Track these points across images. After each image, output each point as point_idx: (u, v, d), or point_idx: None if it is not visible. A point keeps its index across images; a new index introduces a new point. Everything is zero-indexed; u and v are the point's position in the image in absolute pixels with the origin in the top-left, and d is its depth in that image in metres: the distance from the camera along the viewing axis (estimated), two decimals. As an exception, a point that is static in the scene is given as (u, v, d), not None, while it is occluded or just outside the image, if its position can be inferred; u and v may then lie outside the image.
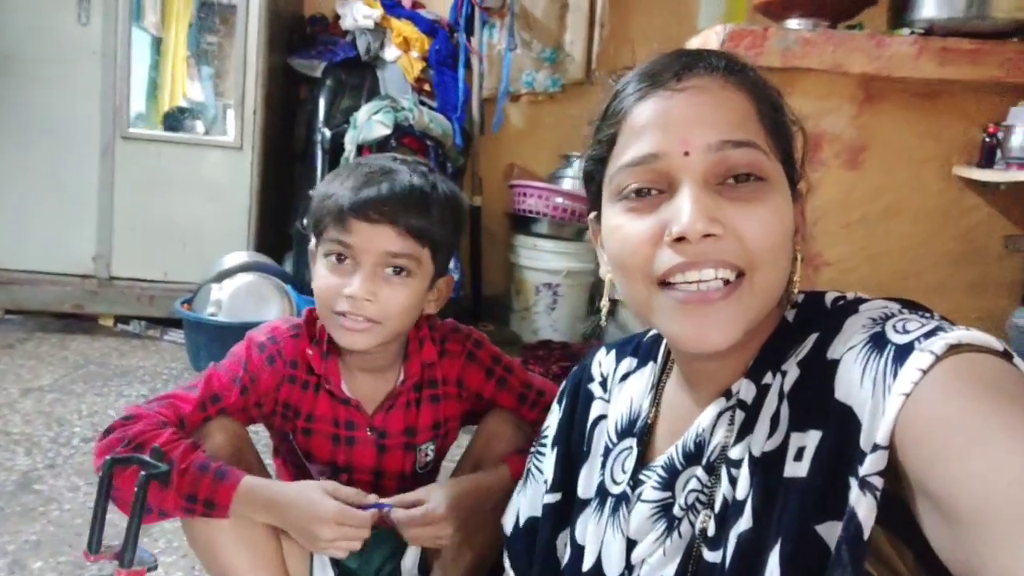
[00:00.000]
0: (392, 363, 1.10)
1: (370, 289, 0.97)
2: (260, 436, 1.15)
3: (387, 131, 2.82)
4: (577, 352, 3.00)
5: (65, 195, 2.89)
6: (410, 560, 1.13)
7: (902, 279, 2.11)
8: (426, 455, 1.13)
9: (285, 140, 3.24)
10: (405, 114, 2.86)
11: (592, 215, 0.73)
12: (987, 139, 2.03)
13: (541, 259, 3.18)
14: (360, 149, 2.84)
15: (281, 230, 3.13)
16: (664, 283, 0.62)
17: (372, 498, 0.98)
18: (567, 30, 3.30)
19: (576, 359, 2.97)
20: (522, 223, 3.24)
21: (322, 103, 3.06)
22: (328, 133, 2.96)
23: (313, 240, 1.05)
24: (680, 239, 0.59)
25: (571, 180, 3.17)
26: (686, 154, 0.60)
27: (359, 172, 1.00)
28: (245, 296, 2.46)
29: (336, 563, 1.10)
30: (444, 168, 3.01)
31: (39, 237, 2.90)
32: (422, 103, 3.03)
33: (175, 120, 3.39)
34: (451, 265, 3.09)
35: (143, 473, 0.74)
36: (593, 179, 0.70)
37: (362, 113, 2.87)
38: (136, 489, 0.73)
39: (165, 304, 2.83)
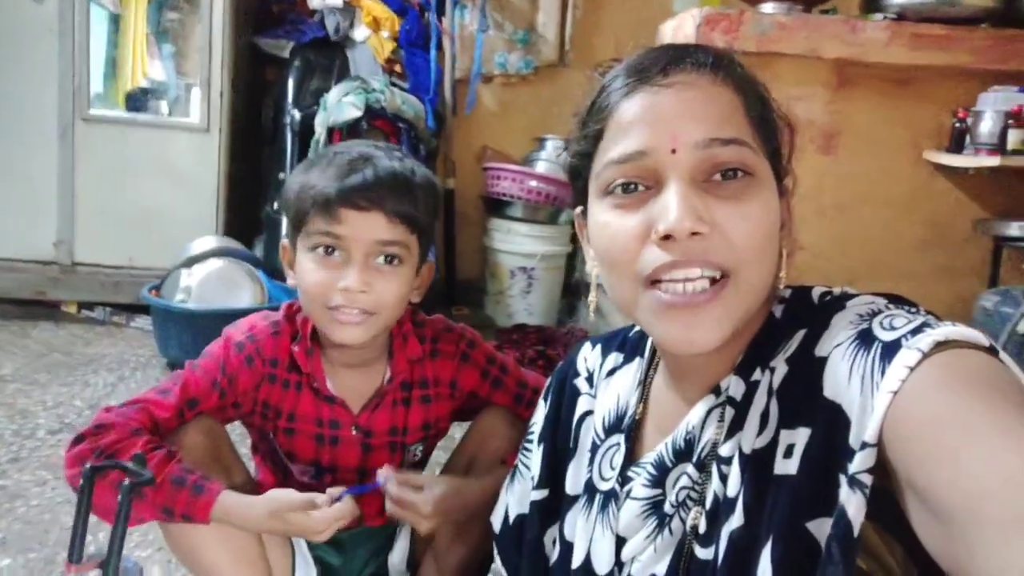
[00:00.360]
0: (377, 358, 1.07)
1: (365, 280, 0.94)
2: (236, 426, 1.13)
3: (358, 113, 2.77)
4: (551, 336, 3.00)
5: (24, 179, 2.80)
6: (398, 556, 1.12)
7: (871, 265, 2.14)
8: (414, 455, 1.12)
9: (253, 122, 3.17)
10: (377, 96, 2.81)
11: (579, 210, 0.72)
12: (956, 124, 2.06)
13: (515, 242, 3.17)
14: (331, 132, 2.79)
15: (250, 214, 3.08)
16: (651, 282, 0.61)
17: (325, 496, 0.95)
18: (540, 11, 3.26)
19: (551, 343, 2.97)
20: (496, 206, 3.22)
21: (291, 84, 2.99)
22: (298, 115, 2.90)
23: (288, 233, 1.02)
24: (667, 237, 0.59)
25: (545, 163, 3.15)
26: (673, 151, 0.60)
27: (339, 160, 0.96)
28: (216, 282, 2.41)
29: (320, 560, 1.09)
30: (417, 151, 2.97)
31: (-2, 222, 2.81)
32: (393, 84, 2.98)
33: (136, 100, 3.29)
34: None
35: (127, 482, 0.72)
36: (579, 175, 0.69)
37: (332, 94, 2.81)
38: (120, 497, 0.70)
39: (131, 290, 2.76)
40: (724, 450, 0.63)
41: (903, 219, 2.17)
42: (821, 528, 0.53)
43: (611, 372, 0.81)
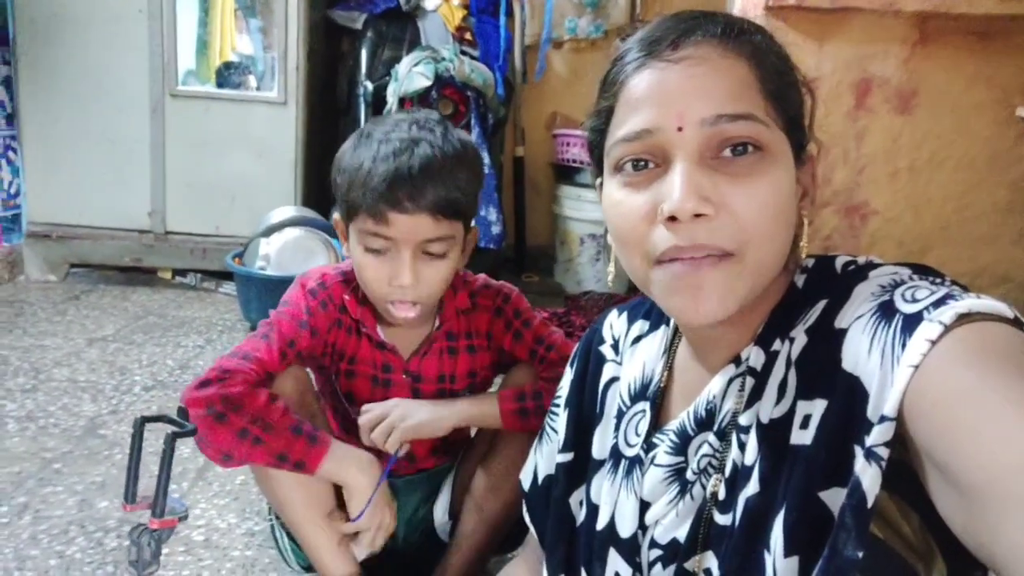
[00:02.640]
0: (428, 312, 1.13)
1: (415, 275, 1.01)
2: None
3: (428, 82, 2.81)
4: (622, 302, 2.99)
5: (119, 153, 2.99)
6: (441, 506, 1.19)
7: (946, 229, 2.05)
8: None
9: (328, 94, 3.27)
10: (446, 64, 2.85)
11: (598, 181, 0.74)
12: (1049, 80, 1.93)
13: (585, 209, 3.16)
14: (402, 101, 2.86)
15: (326, 185, 3.18)
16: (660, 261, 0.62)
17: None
18: (610, -27, 3.21)
19: (619, 309, 2.97)
20: (566, 173, 3.22)
21: (363, 56, 3.06)
22: (370, 86, 2.97)
23: (339, 209, 1.07)
24: (672, 218, 0.59)
25: (614, 129, 3.12)
26: (680, 129, 0.59)
27: (383, 150, 0.99)
28: (292, 250, 2.53)
29: None
30: (485, 119, 3.00)
31: (97, 194, 3.02)
32: (464, 53, 3.01)
33: (226, 75, 3.44)
34: (484, 212, 3.06)
35: (170, 431, 0.80)
36: (595, 148, 0.70)
37: (403, 65, 2.87)
38: (163, 446, 0.78)
39: (217, 257, 2.93)
40: (743, 419, 0.64)
41: (986, 182, 2.06)
42: (834, 498, 0.53)
43: (636, 340, 0.81)
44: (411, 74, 2.84)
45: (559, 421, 0.88)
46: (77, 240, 3.01)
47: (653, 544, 0.72)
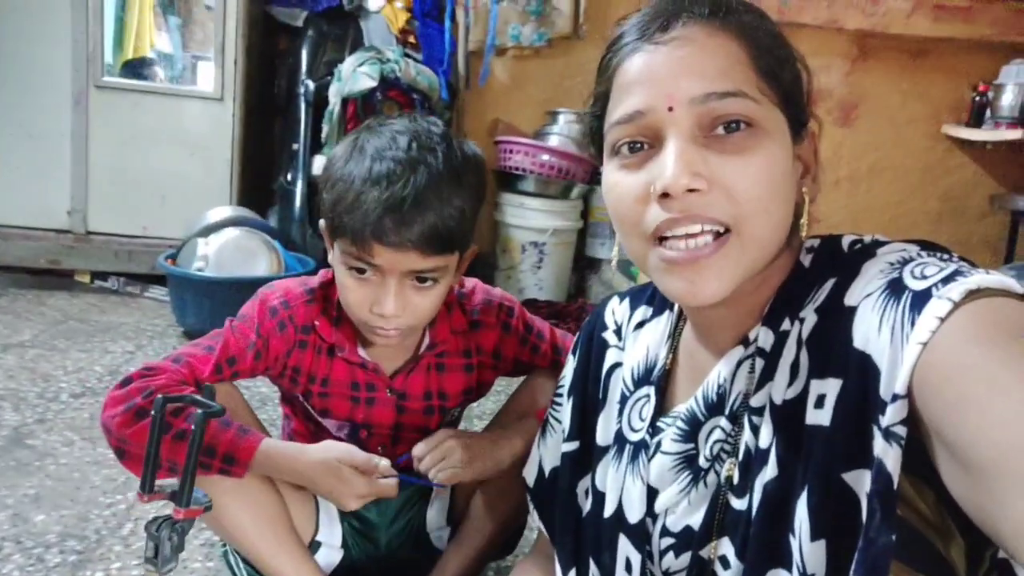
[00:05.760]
0: (414, 333, 1.08)
1: (400, 304, 0.93)
2: (251, 391, 1.14)
3: (373, 83, 2.76)
4: (562, 311, 3.01)
5: (38, 147, 2.80)
6: (435, 509, 1.14)
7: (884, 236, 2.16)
8: (452, 416, 1.14)
9: (265, 92, 3.16)
10: (392, 66, 2.80)
11: (603, 168, 0.73)
12: (977, 98, 2.05)
13: (527, 217, 3.16)
14: (345, 102, 2.79)
15: (263, 185, 3.07)
16: (657, 239, 0.62)
17: (385, 462, 0.97)
18: (554, -18, 3.24)
19: (562, 318, 2.98)
20: (508, 180, 3.21)
21: (304, 54, 2.98)
22: (312, 85, 2.89)
23: (325, 220, 0.98)
24: (665, 195, 0.59)
25: (557, 137, 3.14)
26: (670, 109, 0.60)
27: (376, 170, 0.90)
28: (233, 251, 2.41)
29: (344, 515, 1.10)
30: (430, 123, 2.97)
31: (11, 190, 2.81)
32: (407, 56, 2.97)
33: (141, 71, 3.29)
34: None
35: (199, 412, 0.73)
36: (595, 135, 0.70)
37: (347, 65, 2.80)
38: (193, 428, 0.72)
39: (145, 260, 2.77)
40: (755, 401, 0.63)
41: (919, 192, 2.18)
42: (858, 480, 0.53)
43: (640, 325, 0.81)
44: (356, 74, 2.78)
45: (563, 411, 0.86)
46: (-14, 239, 2.80)
47: (665, 532, 0.71)
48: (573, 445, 0.84)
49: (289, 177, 2.90)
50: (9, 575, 1.19)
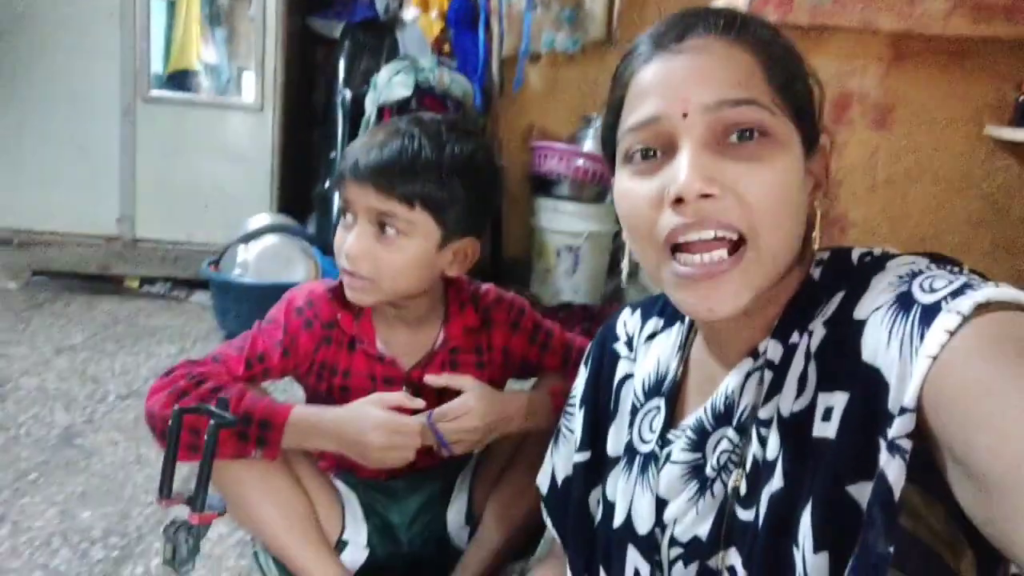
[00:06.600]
0: (431, 320, 1.12)
1: (362, 246, 1.00)
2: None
3: (407, 92, 2.80)
4: (598, 314, 3.01)
5: (88, 158, 2.91)
6: (455, 510, 1.17)
7: (923, 241, 2.11)
8: None
9: (304, 102, 3.24)
10: (426, 75, 2.84)
11: (614, 179, 0.74)
12: (1021, 98, 2.00)
13: (562, 221, 3.18)
14: (381, 111, 2.84)
15: (303, 193, 3.15)
16: (672, 248, 0.62)
17: (419, 402, 1.03)
18: (587, -11, 3.25)
19: (597, 321, 2.99)
20: (542, 185, 3.24)
21: (342, 64, 3.04)
22: (349, 95, 2.95)
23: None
24: (679, 200, 0.59)
25: (591, 141, 3.15)
26: (684, 115, 0.60)
27: (370, 135, 1.02)
28: (272, 258, 2.48)
29: (368, 515, 1.14)
30: (464, 130, 3.00)
31: (64, 199, 2.93)
32: (441, 64, 3.01)
33: (189, 83, 3.39)
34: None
35: (212, 422, 0.77)
36: (608, 143, 0.70)
37: (383, 74, 2.85)
38: (206, 437, 0.76)
39: (189, 265, 2.86)
40: (763, 413, 0.63)
41: (959, 195, 2.13)
42: (862, 491, 0.53)
43: (651, 336, 0.81)
44: (391, 83, 2.83)
45: (575, 420, 0.87)
46: (41, 246, 2.92)
47: (673, 542, 0.71)
48: (585, 455, 0.84)
49: (327, 185, 2.96)
50: (57, 568, 1.25)
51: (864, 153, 2.14)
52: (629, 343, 0.84)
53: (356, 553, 1.11)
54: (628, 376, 0.82)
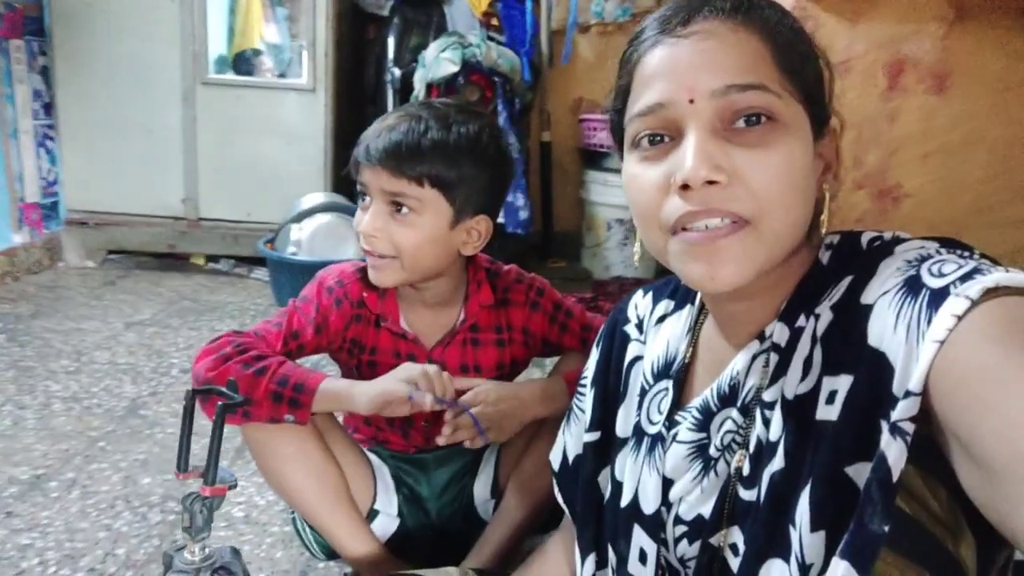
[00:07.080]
0: (452, 300, 1.16)
1: (376, 225, 1.05)
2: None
3: (455, 68, 2.82)
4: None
5: (153, 141, 3.04)
6: (481, 484, 1.21)
7: (980, 211, 2.02)
8: None
9: (355, 81, 3.29)
10: (473, 50, 2.85)
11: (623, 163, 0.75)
12: (1088, 59, 1.88)
13: (612, 194, 3.15)
14: (429, 87, 2.87)
15: (355, 170, 3.21)
16: (676, 230, 0.62)
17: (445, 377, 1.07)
18: (637, -45, 3.19)
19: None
20: (592, 158, 3.22)
21: (391, 42, 3.08)
22: (398, 73, 2.99)
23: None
24: (685, 187, 0.59)
25: (641, 113, 3.11)
26: (691, 101, 0.60)
27: (380, 121, 1.07)
28: (324, 236, 2.56)
29: (399, 487, 1.19)
30: (512, 104, 3.01)
31: (132, 182, 3.08)
32: (490, 38, 3.01)
33: (251, 63, 3.48)
34: (512, 198, 3.01)
35: (220, 403, 0.83)
36: (616, 129, 0.71)
37: (430, 51, 2.88)
38: (214, 418, 0.81)
39: (249, 243, 2.98)
40: (767, 395, 0.64)
41: (1020, 166, 2.03)
42: (861, 472, 0.53)
43: (661, 319, 0.82)
44: (438, 60, 2.85)
45: (586, 401, 0.89)
46: (113, 227, 3.08)
47: (678, 520, 0.72)
48: (595, 435, 0.86)
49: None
50: (119, 529, 1.35)
51: (919, 121, 2.05)
52: (640, 325, 0.85)
53: (387, 522, 1.17)
54: (638, 358, 0.83)
